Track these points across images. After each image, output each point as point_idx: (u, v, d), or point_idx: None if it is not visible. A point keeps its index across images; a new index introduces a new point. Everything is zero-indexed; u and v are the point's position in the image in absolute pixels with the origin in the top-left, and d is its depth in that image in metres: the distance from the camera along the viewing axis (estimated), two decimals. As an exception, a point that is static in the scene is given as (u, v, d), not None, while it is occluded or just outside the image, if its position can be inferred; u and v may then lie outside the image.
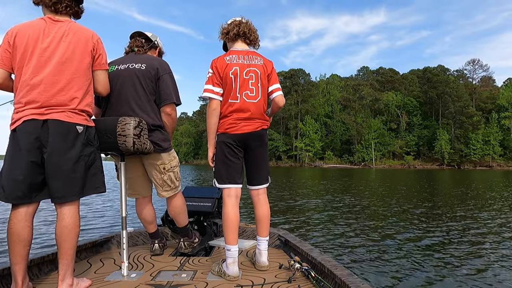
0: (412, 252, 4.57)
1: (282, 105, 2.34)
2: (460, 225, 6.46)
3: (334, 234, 5.59)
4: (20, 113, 1.76)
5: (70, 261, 1.81)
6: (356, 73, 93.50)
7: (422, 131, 73.83)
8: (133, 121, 2.04)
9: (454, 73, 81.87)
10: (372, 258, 4.22)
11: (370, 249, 4.68)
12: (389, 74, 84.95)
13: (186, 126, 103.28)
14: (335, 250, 4.60)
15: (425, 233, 5.80)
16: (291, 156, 79.22)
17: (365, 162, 71.27)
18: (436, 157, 69.05)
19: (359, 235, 5.56)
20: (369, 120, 74.84)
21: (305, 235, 5.47)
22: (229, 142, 2.17)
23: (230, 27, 2.29)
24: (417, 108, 76.41)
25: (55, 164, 1.75)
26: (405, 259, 4.21)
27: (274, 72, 2.32)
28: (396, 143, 74.03)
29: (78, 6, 1.98)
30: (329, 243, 4.99)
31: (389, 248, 4.73)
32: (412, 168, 63.42)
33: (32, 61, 1.79)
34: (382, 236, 5.52)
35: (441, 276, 3.63)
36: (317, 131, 76.11)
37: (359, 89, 78.20)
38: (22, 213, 1.75)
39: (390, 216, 7.43)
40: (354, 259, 4.20)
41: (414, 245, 4.93)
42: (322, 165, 69.57)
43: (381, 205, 9.14)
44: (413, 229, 6.06)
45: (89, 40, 1.92)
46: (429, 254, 4.49)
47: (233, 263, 2.08)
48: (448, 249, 4.76)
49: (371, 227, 6.25)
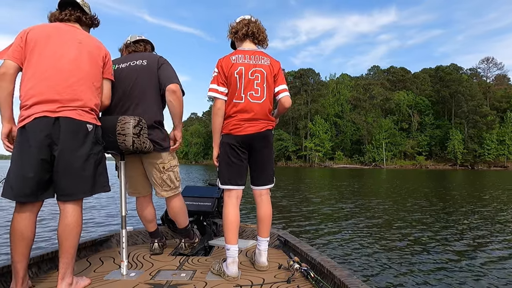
0: (412, 252, 4.51)
1: (288, 106, 2.29)
2: (464, 224, 6.32)
3: (335, 234, 5.53)
4: (29, 110, 1.75)
5: (71, 259, 1.81)
6: (367, 73, 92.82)
7: (434, 130, 72.66)
8: (133, 120, 2.05)
9: (468, 71, 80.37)
10: (372, 259, 4.18)
11: (370, 249, 4.63)
12: (400, 73, 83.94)
13: (196, 126, 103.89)
14: (335, 250, 4.57)
15: (426, 233, 5.70)
16: (301, 156, 78.86)
17: (375, 162, 70.52)
18: (449, 157, 67.87)
19: (360, 235, 5.50)
20: (379, 119, 74.02)
21: (308, 234, 5.43)
22: (232, 143, 2.16)
23: (239, 26, 2.26)
24: (429, 107, 75.25)
25: (66, 162, 1.76)
26: (405, 260, 4.16)
27: (281, 72, 2.28)
28: (408, 143, 73.06)
29: (80, 12, 2.04)
30: (331, 243, 4.94)
31: (389, 248, 4.67)
32: (424, 169, 62.54)
33: (43, 56, 1.81)
34: (382, 236, 5.45)
35: (442, 277, 3.58)
36: (327, 131, 75.65)
37: (369, 88, 77.46)
38: (26, 212, 1.76)
39: (394, 216, 7.32)
40: (354, 259, 4.17)
41: (415, 245, 4.85)
42: (332, 165, 69.14)
43: (386, 206, 9.01)
44: (414, 230, 5.96)
45: (101, 47, 2.01)
46: (430, 254, 4.42)
47: (232, 262, 2.08)
48: (450, 249, 4.67)
49: (373, 227, 6.17)
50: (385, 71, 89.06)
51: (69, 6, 2.02)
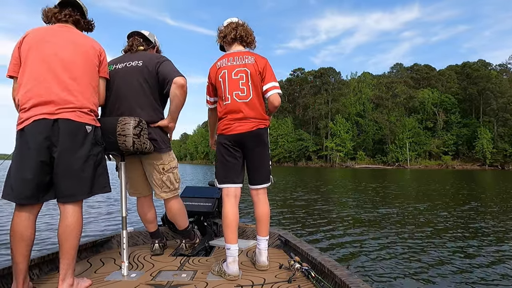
0: (413, 252, 4.46)
1: (277, 104, 2.25)
2: (471, 223, 6.02)
3: (337, 235, 5.48)
4: (28, 112, 1.77)
5: (71, 261, 1.81)
6: (389, 71, 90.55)
7: (461, 129, 69.92)
8: (133, 120, 2.05)
9: (497, 67, 76.98)
10: (373, 259, 4.14)
11: (370, 249, 4.59)
12: (424, 70, 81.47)
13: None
14: (336, 250, 4.55)
15: (428, 233, 5.61)
16: (322, 156, 77.99)
17: (399, 162, 68.72)
18: (477, 157, 65.12)
19: (361, 235, 5.44)
20: (403, 118, 72.05)
21: (313, 235, 5.37)
22: (225, 143, 2.21)
23: (227, 30, 2.31)
24: (456, 105, 72.54)
25: (65, 163, 1.77)
26: (405, 260, 4.11)
27: (268, 69, 2.24)
28: (433, 142, 70.73)
29: (79, 15, 2.05)
30: (334, 244, 4.89)
31: (390, 249, 4.63)
32: (450, 169, 60.41)
33: (38, 59, 1.82)
34: (383, 236, 5.37)
35: (442, 277, 3.52)
36: (348, 131, 74.39)
37: (392, 86, 75.55)
38: (26, 213, 1.77)
39: (409, 218, 7.07)
40: (354, 259, 4.15)
41: (416, 246, 4.78)
42: (353, 166, 67.95)
43: (401, 207, 8.73)
44: (416, 230, 5.84)
45: (95, 46, 2.00)
46: (430, 254, 4.36)
47: (233, 262, 2.08)
48: (452, 249, 4.61)
49: (374, 227, 6.08)
50: (408, 68, 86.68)
51: (70, 7, 2.01)
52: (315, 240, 5.14)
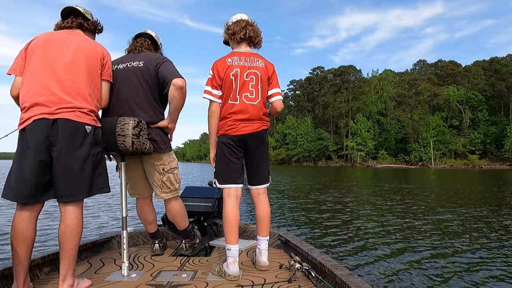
0: (413, 252, 4.40)
1: (280, 110, 2.37)
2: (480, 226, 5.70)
3: (341, 235, 5.40)
4: (28, 112, 1.80)
5: (72, 261, 1.83)
6: (412, 68, 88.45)
7: (489, 127, 66.99)
8: (132, 121, 2.05)
9: (527, 62, 73.43)
10: (373, 259, 4.10)
11: (371, 249, 4.54)
12: (449, 67, 78.72)
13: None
14: (336, 250, 4.51)
15: (429, 233, 5.54)
16: (342, 156, 76.84)
17: (422, 161, 66.70)
18: (507, 156, 62.18)
19: (362, 236, 5.36)
20: (427, 117, 69.82)
21: (312, 234, 5.35)
22: (228, 142, 2.19)
23: (237, 28, 2.28)
24: (483, 102, 69.61)
25: (64, 163, 1.79)
26: (405, 260, 4.06)
27: (275, 75, 2.30)
28: (459, 141, 68.20)
29: (81, 19, 2.10)
30: (337, 244, 4.86)
31: (390, 249, 4.56)
32: (477, 168, 58.12)
33: (40, 60, 1.86)
34: (384, 236, 5.30)
35: (443, 277, 3.46)
36: (369, 130, 72.81)
37: (415, 84, 73.43)
38: (27, 213, 1.80)
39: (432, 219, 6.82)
40: (354, 259, 4.10)
41: (416, 246, 4.71)
42: (375, 165, 66.50)
43: (409, 208, 8.44)
44: (417, 230, 5.75)
45: (99, 49, 2.03)
46: (430, 254, 4.30)
47: (233, 262, 2.08)
48: (452, 249, 4.54)
49: (375, 228, 6.00)
50: (432, 65, 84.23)
51: (71, 15, 2.08)
52: (317, 239, 5.12)
